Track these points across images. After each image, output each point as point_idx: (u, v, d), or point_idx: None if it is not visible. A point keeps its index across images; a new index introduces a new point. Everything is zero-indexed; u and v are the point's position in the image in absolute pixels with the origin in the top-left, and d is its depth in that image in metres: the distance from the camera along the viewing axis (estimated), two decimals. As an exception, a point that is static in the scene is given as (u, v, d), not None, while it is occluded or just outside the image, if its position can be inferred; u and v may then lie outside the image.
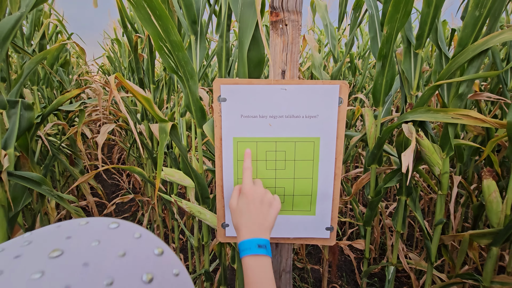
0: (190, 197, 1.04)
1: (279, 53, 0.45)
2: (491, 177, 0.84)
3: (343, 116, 0.46)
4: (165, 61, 0.86)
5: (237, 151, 0.48)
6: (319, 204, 0.51)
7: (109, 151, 4.11)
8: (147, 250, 0.19)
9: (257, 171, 0.49)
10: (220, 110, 0.47)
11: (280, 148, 0.48)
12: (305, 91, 0.45)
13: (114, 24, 2.89)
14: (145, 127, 1.75)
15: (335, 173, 0.49)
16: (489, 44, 0.81)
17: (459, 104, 0.90)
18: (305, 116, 0.46)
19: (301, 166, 0.49)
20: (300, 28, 0.44)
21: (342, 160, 1.48)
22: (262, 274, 0.40)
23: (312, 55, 1.47)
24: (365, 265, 1.34)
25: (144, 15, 0.76)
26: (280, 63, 0.46)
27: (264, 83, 0.45)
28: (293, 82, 0.45)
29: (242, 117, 0.47)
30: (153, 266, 0.18)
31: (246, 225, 0.44)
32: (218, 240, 0.53)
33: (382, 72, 1.06)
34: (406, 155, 0.72)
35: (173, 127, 0.81)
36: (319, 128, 0.47)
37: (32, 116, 0.97)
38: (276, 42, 0.44)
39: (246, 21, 0.52)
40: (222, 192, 0.51)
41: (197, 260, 1.25)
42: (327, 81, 0.45)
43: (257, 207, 0.44)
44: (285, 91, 0.45)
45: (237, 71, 0.61)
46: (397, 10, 0.91)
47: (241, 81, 0.45)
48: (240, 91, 0.46)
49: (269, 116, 0.47)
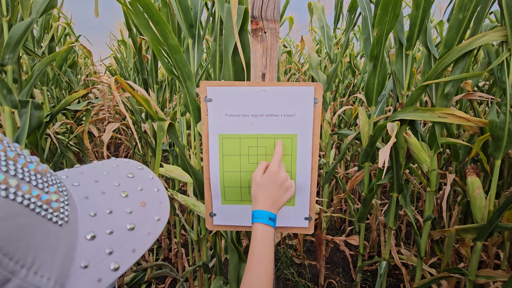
0: (189, 192, 1.10)
1: (259, 58, 0.50)
2: (474, 174, 0.87)
3: (318, 115, 0.51)
4: (163, 63, 0.91)
5: (222, 147, 0.53)
6: (298, 195, 0.56)
7: (116, 149, 4.21)
8: (146, 173, 0.32)
9: (240, 164, 0.54)
10: (206, 109, 0.52)
11: (261, 144, 0.53)
12: (283, 92, 0.50)
13: (120, 26, 2.97)
14: (149, 126, 1.81)
15: (312, 167, 0.54)
16: (472, 45, 0.84)
17: (445, 104, 0.93)
18: (284, 115, 0.51)
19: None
20: (278, 35, 0.48)
21: (339, 157, 1.51)
22: (267, 240, 0.48)
23: (309, 55, 1.51)
24: (359, 261, 1.38)
25: (143, 22, 0.81)
26: (260, 66, 0.50)
27: (246, 85, 0.50)
28: (272, 84, 0.50)
29: (226, 116, 0.52)
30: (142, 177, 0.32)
31: (263, 199, 0.50)
32: (207, 228, 0.58)
33: (374, 73, 1.09)
34: (383, 151, 0.76)
35: (171, 125, 0.87)
36: (296, 126, 0.51)
37: (42, 115, 1.04)
38: (257, 48, 0.49)
39: (230, 28, 0.56)
40: (209, 184, 0.56)
41: (196, 253, 1.30)
42: (303, 83, 0.49)
43: (277, 187, 0.51)
44: (265, 92, 0.50)
45: (223, 74, 0.66)
46: (385, 13, 0.95)
47: (225, 83, 0.50)
48: (224, 92, 0.51)
49: (251, 115, 0.51)
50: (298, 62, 2.52)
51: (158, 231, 0.28)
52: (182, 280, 1.26)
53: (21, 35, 0.95)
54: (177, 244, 1.68)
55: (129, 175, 0.31)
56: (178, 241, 1.67)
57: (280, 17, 0.53)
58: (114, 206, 0.26)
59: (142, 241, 0.26)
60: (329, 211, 1.61)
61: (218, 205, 0.57)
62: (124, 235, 0.25)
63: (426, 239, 1.05)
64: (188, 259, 1.78)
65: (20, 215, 0.19)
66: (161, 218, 0.28)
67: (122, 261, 0.23)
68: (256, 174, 0.53)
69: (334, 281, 1.65)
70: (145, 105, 0.76)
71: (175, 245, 1.78)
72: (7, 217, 0.18)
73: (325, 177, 1.63)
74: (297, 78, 2.66)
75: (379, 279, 1.20)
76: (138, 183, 0.30)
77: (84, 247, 0.23)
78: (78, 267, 0.22)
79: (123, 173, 0.31)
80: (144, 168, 0.33)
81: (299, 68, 2.18)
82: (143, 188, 0.30)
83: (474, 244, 0.91)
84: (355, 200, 2.23)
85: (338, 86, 2.29)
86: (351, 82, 2.28)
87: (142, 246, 0.26)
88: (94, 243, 0.24)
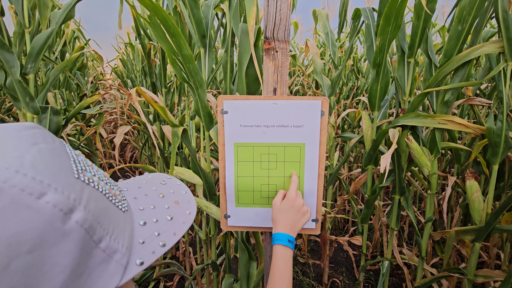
0: (198, 194, 1.15)
1: (271, 74, 0.54)
2: (473, 178, 0.91)
3: (325, 126, 0.56)
4: (177, 72, 0.96)
5: (237, 154, 0.58)
6: (306, 199, 0.61)
7: (122, 149, 4.28)
8: (174, 181, 0.40)
9: (253, 170, 0.59)
10: (223, 121, 0.57)
11: (272, 151, 0.58)
12: (293, 106, 0.55)
13: (127, 29, 3.03)
14: (157, 128, 1.87)
15: (318, 173, 0.59)
16: (471, 56, 0.88)
17: (445, 110, 0.97)
18: (293, 125, 0.56)
19: (290, 167, 0.59)
20: (288, 54, 0.53)
21: (343, 160, 1.55)
22: (287, 261, 0.54)
23: (313, 61, 1.56)
24: (362, 260, 1.42)
25: (160, 33, 0.87)
26: (272, 82, 0.55)
27: (259, 99, 0.55)
28: (283, 98, 0.55)
29: (241, 126, 0.57)
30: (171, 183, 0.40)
31: (283, 222, 0.56)
32: (222, 228, 0.63)
33: (377, 80, 1.14)
34: (385, 157, 0.80)
35: (184, 131, 0.92)
36: (304, 135, 0.56)
37: (60, 120, 1.09)
38: (269, 66, 0.54)
39: (244, 46, 0.61)
40: (224, 188, 0.61)
41: (205, 252, 1.35)
42: (311, 97, 0.54)
43: (295, 213, 0.56)
44: (276, 105, 0.55)
45: (236, 87, 0.71)
46: (388, 23, 0.99)
47: (240, 97, 0.55)
48: (239, 105, 0.56)
49: (263, 125, 0.56)
50: (302, 65, 2.56)
51: (190, 221, 0.35)
52: (191, 278, 1.31)
53: (42, 45, 1.01)
54: (185, 243, 1.73)
55: (162, 182, 0.39)
56: (186, 240, 1.72)
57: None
58: (155, 203, 0.35)
59: (180, 227, 0.34)
60: (333, 212, 1.66)
61: (232, 208, 0.62)
62: (166, 223, 0.33)
63: (427, 240, 1.09)
64: (195, 257, 1.84)
65: (102, 200, 0.27)
66: (191, 212, 0.36)
67: (167, 240, 0.31)
68: (276, 200, 0.58)
69: (337, 280, 1.70)
70: (161, 113, 0.81)
71: (182, 244, 1.83)
72: (97, 199, 0.26)
73: (329, 179, 1.68)
74: (301, 81, 2.70)
75: (381, 278, 1.24)
76: (170, 188, 0.38)
77: (140, 229, 0.31)
78: (137, 243, 0.29)
79: (157, 182, 0.39)
80: (172, 177, 0.41)
81: (303, 71, 2.23)
82: (174, 191, 0.38)
83: (473, 245, 0.95)
84: (358, 201, 2.27)
85: (341, 89, 2.33)
86: (355, 84, 2.32)
87: (180, 231, 0.33)
88: (146, 227, 0.31)
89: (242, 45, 0.62)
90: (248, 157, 0.59)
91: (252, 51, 0.54)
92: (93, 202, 0.25)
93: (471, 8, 0.85)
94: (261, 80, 0.54)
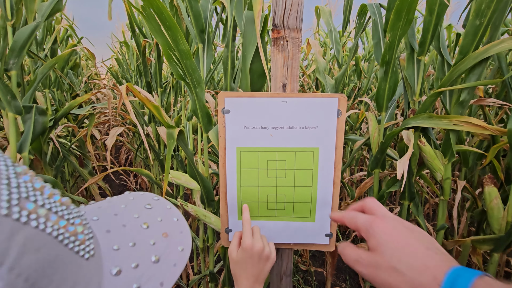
0: (196, 200, 1.07)
1: (280, 68, 0.48)
2: (492, 183, 0.85)
3: (342, 127, 0.49)
4: (173, 68, 0.89)
5: (240, 160, 0.51)
6: (319, 211, 0.53)
7: (117, 151, 4.18)
8: (163, 204, 0.32)
9: (259, 179, 0.52)
10: (224, 121, 0.49)
11: (281, 157, 0.51)
12: (305, 104, 0.48)
13: (122, 28, 2.95)
14: (152, 129, 1.79)
15: (334, 182, 0.52)
16: (489, 52, 0.82)
17: (461, 111, 0.91)
18: (305, 127, 0.49)
19: (301, 175, 0.51)
20: (300, 45, 0.46)
21: (347, 163, 1.49)
22: None
23: (316, 59, 1.49)
24: (367, 268, 1.35)
25: (155, 26, 0.79)
26: (281, 77, 0.48)
27: (266, 96, 0.48)
28: (294, 95, 0.48)
29: (245, 128, 0.49)
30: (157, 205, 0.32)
31: (244, 278, 0.48)
32: (223, 244, 0.56)
33: (385, 78, 1.07)
34: (401, 162, 0.74)
35: (180, 133, 0.84)
36: (318, 138, 0.49)
37: (46, 121, 1.01)
38: (277, 58, 0.47)
39: (249, 37, 0.54)
40: (225, 198, 0.54)
41: (202, 261, 1.28)
42: (326, 94, 0.47)
43: (255, 263, 0.48)
44: (286, 104, 0.48)
45: (240, 84, 0.64)
46: (399, 18, 0.93)
47: (244, 94, 0.48)
48: (243, 104, 0.48)
49: (271, 127, 0.49)
50: (302, 65, 2.50)
51: (183, 261, 0.27)
52: (187, 288, 1.23)
53: (25, 40, 0.93)
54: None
55: (147, 206, 0.30)
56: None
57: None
58: (136, 238, 0.25)
59: (169, 273, 0.25)
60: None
61: (235, 221, 0.55)
62: (150, 268, 0.24)
63: (439, 248, 1.03)
64: (192, 266, 1.76)
65: (51, 247, 0.18)
66: (185, 248, 0.27)
67: None
68: (231, 249, 0.50)
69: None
70: (155, 113, 0.74)
71: (179, 251, 1.75)
72: (39, 249, 0.17)
73: (331, 182, 1.61)
74: (301, 81, 2.64)
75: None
76: (157, 214, 0.29)
77: (111, 283, 0.22)
78: None
79: (140, 205, 0.30)
80: (161, 198, 0.32)
81: (304, 71, 2.16)
82: (163, 218, 0.29)
83: (491, 255, 0.89)
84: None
85: (343, 90, 2.28)
86: (357, 85, 2.26)
87: (170, 279, 0.25)
88: (120, 278, 0.22)
89: (246, 36, 0.55)
90: (253, 163, 0.51)
91: (258, 40, 0.46)
92: (31, 255, 0.16)
93: (490, 0, 0.79)
94: (268, 75, 0.47)
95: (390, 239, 0.31)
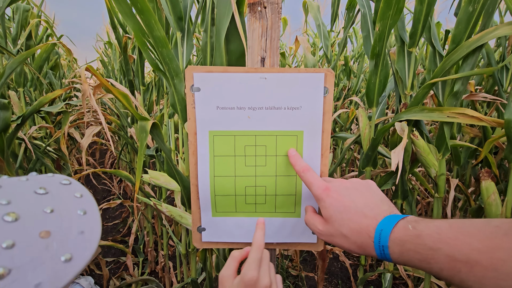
0: (176, 202, 0.99)
1: (257, 39, 0.41)
2: (489, 178, 0.80)
3: (329, 108, 0.42)
4: (148, 57, 0.82)
5: (214, 146, 0.44)
6: (304, 205, 0.47)
7: (102, 156, 4.04)
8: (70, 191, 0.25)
9: (235, 168, 0.45)
10: (193, 101, 0.42)
11: (260, 142, 0.44)
12: (287, 80, 0.42)
13: (106, 27, 2.86)
14: (135, 130, 1.71)
15: (321, 171, 0.45)
16: (483, 40, 0.78)
17: (454, 103, 0.87)
18: (287, 107, 0.42)
19: (283, 163, 0.45)
20: (280, 12, 0.40)
21: (337, 163, 1.44)
22: None
23: (305, 56, 1.45)
24: (361, 272, 1.29)
25: (125, 8, 0.72)
26: (259, 50, 0.42)
27: (242, 71, 0.41)
28: (274, 70, 0.41)
29: (218, 109, 0.43)
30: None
31: None
32: (194, 245, 0.48)
33: (375, 71, 1.03)
34: (396, 152, 0.68)
35: (155, 126, 0.77)
36: (302, 120, 0.43)
37: (8, 117, 0.92)
38: (254, 27, 0.41)
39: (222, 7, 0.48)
40: (197, 192, 0.46)
41: (185, 268, 1.19)
42: (311, 69, 0.41)
43: None
44: (265, 80, 0.41)
45: (214, 62, 0.57)
46: (389, 7, 0.89)
47: (216, 69, 0.41)
48: (215, 80, 0.42)
49: (248, 107, 0.43)
50: (291, 65, 2.46)
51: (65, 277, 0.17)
52: (168, 298, 1.14)
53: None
54: (165, 257, 1.56)
55: (38, 191, 0.21)
56: (165, 253, 1.55)
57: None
58: None
59: None
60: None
61: (208, 218, 0.48)
62: None
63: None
64: (176, 273, 1.66)
65: None
66: (74, 256, 0.18)
67: None
68: (224, 275, 0.39)
69: (332, 294, 1.56)
70: (123, 101, 0.67)
71: (162, 258, 1.65)
72: None
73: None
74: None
75: (383, 293, 1.11)
76: (50, 203, 0.21)
77: None
78: None
79: (29, 189, 0.21)
80: (73, 182, 0.24)
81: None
82: (55, 209, 0.20)
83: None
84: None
85: (332, 90, 2.25)
86: (346, 85, 2.23)
87: None
88: None
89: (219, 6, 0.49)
90: (228, 150, 0.44)
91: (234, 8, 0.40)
92: None
93: (483, -15, 0.75)
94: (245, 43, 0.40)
95: (337, 209, 0.37)
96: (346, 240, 0.36)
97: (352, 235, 0.35)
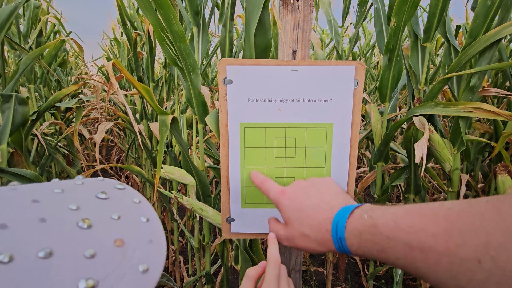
0: (190, 196, 1.00)
1: (289, 32, 0.42)
2: (506, 172, 0.80)
3: (359, 100, 0.43)
4: (166, 52, 0.83)
5: (244, 138, 0.45)
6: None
7: (108, 153, 4.06)
8: (127, 195, 0.24)
9: (265, 159, 0.46)
10: (225, 93, 0.43)
11: (290, 134, 0.45)
12: (318, 73, 0.42)
13: (113, 24, 2.87)
14: (144, 126, 1.72)
15: (350, 163, 0.46)
16: (502, 34, 0.78)
17: (470, 97, 0.87)
18: (318, 100, 0.43)
19: (312, 154, 0.45)
20: (313, 4, 0.40)
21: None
22: None
23: (315, 52, 1.45)
24: (371, 267, 1.30)
25: (145, 3, 0.73)
26: (290, 42, 0.42)
27: (273, 64, 0.42)
28: (305, 63, 0.42)
29: (249, 101, 0.43)
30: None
31: None
32: (223, 236, 0.49)
33: (389, 66, 1.03)
34: (419, 146, 0.69)
35: (174, 121, 0.78)
36: (332, 113, 0.44)
37: (27, 112, 0.93)
38: (286, 20, 0.41)
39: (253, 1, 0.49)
40: (227, 183, 0.47)
41: (197, 262, 1.20)
42: (342, 62, 0.42)
43: None
44: (296, 73, 0.42)
45: (243, 55, 0.58)
46: (405, 2, 0.89)
47: (248, 61, 0.42)
48: (247, 73, 0.42)
49: (279, 100, 0.43)
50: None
51: None
52: (182, 292, 1.15)
53: (3, 21, 0.85)
54: (175, 251, 1.57)
55: (99, 195, 0.20)
56: (176, 248, 1.56)
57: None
58: (60, 245, 0.15)
59: None
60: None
61: (237, 209, 0.49)
62: None
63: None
64: (187, 267, 1.68)
65: None
66: (151, 268, 0.17)
67: None
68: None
69: (341, 288, 1.57)
70: (146, 97, 0.67)
71: (172, 253, 1.67)
72: None
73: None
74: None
75: (395, 287, 1.12)
76: (114, 209, 0.19)
77: None
78: None
79: (89, 193, 0.20)
80: (127, 187, 0.22)
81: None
82: (122, 216, 0.19)
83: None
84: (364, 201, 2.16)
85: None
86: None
87: None
88: None
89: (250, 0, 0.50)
90: (258, 141, 0.45)
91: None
92: None
93: (503, -22, 0.75)
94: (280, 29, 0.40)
95: (294, 209, 0.37)
96: (307, 239, 0.35)
97: (312, 233, 0.35)
